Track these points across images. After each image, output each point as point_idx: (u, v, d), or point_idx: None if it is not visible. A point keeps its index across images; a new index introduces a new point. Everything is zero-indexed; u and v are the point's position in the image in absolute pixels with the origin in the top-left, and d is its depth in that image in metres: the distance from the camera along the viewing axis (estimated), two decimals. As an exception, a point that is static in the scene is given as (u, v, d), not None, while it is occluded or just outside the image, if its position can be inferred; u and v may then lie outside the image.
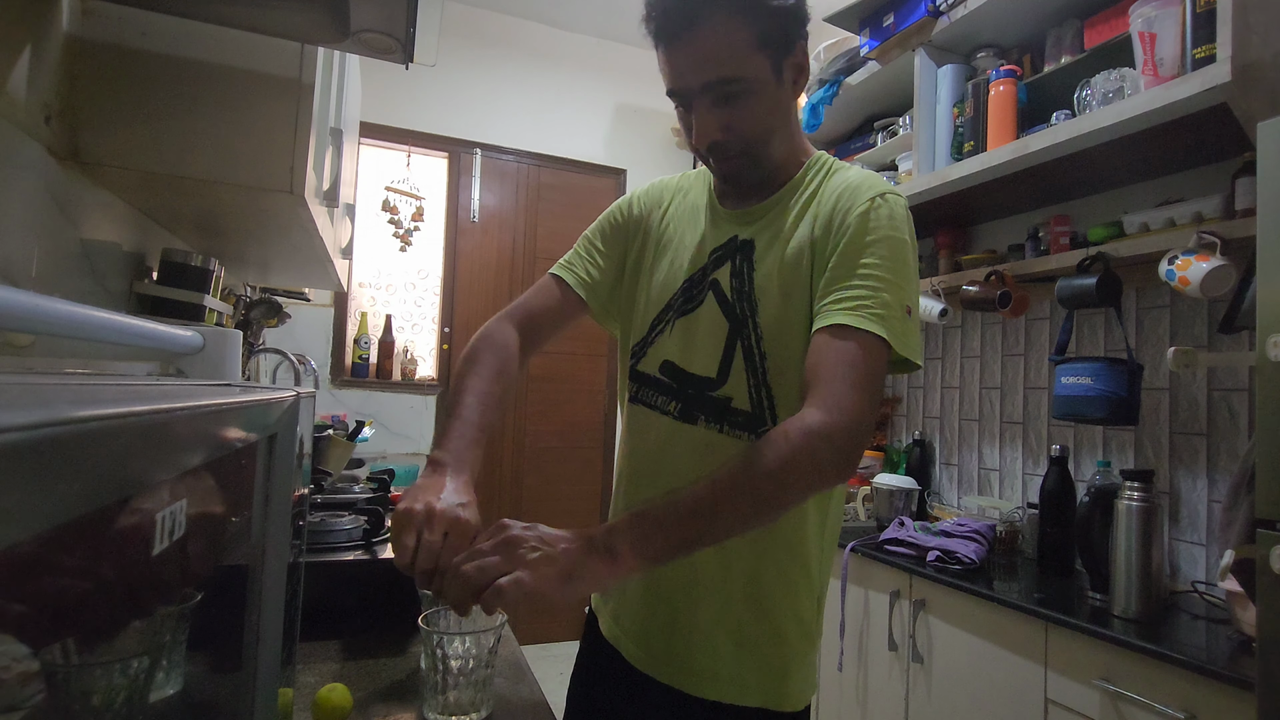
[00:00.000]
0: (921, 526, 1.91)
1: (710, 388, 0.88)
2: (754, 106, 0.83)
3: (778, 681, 0.85)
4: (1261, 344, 1.00)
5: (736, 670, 0.84)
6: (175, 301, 1.20)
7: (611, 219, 1.02)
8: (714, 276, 0.90)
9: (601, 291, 0.99)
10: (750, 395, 0.86)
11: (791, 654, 0.86)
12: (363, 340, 3.07)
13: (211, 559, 0.39)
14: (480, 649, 0.78)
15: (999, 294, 1.86)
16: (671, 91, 0.84)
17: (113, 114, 0.98)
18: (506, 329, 0.93)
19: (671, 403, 0.90)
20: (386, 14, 0.95)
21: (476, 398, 0.83)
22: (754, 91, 0.82)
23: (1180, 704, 1.17)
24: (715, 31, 0.78)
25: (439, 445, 0.78)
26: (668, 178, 1.04)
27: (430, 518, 0.67)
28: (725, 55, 0.79)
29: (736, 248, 0.90)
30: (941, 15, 1.88)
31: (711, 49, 0.79)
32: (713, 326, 0.88)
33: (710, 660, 0.85)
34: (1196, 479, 1.64)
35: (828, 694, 2.02)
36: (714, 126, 0.83)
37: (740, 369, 0.86)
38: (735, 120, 0.83)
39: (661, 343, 0.92)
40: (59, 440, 0.19)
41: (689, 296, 0.91)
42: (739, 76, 0.80)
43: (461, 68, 3.20)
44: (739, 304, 0.87)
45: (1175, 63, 1.36)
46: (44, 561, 0.20)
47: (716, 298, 0.89)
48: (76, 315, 0.49)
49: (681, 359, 0.90)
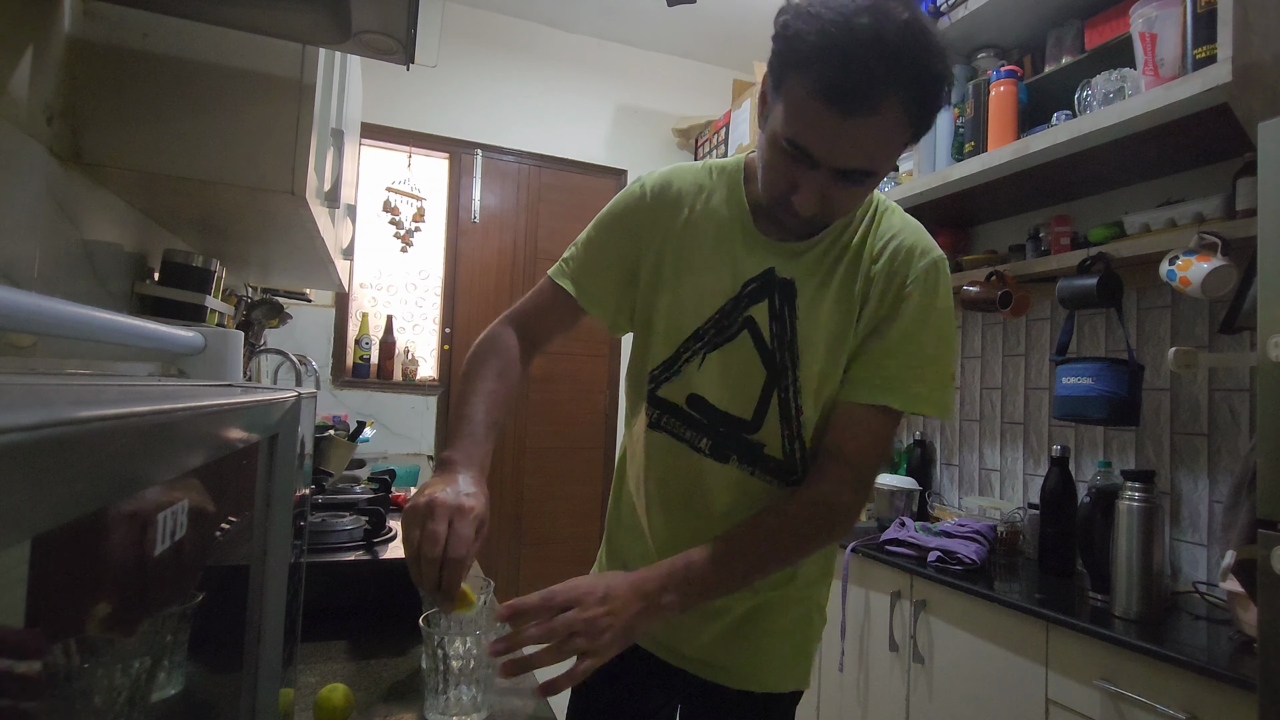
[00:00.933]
0: (922, 527, 1.91)
1: (745, 430, 0.88)
2: (866, 194, 0.81)
3: (775, 665, 0.93)
4: (1262, 344, 1.00)
5: (740, 656, 0.92)
6: (176, 302, 1.20)
7: (618, 217, 0.94)
8: (750, 314, 0.86)
9: (608, 303, 0.94)
10: (784, 445, 0.87)
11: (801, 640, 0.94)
12: (364, 341, 3.07)
13: (213, 559, 0.39)
14: (481, 649, 0.78)
15: (1000, 294, 1.86)
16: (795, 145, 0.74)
17: (114, 115, 0.98)
18: (508, 333, 0.93)
19: (702, 439, 0.90)
20: (387, 15, 0.95)
21: (482, 398, 0.84)
22: (876, 183, 0.79)
23: (1181, 704, 1.17)
24: (889, 124, 0.71)
25: (448, 445, 0.79)
26: (682, 168, 0.94)
27: (433, 508, 0.68)
28: (882, 150, 0.74)
29: (776, 285, 0.86)
30: (942, 16, 1.88)
31: (875, 139, 0.72)
32: (748, 368, 0.86)
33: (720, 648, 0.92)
34: (1197, 479, 1.64)
35: (829, 694, 2.01)
36: (828, 202, 0.77)
37: (775, 417, 0.87)
38: (844, 203, 0.79)
39: (690, 374, 0.89)
40: (61, 441, 0.19)
41: (720, 329, 0.87)
42: (877, 172, 0.76)
43: (462, 68, 3.20)
44: (780, 352, 0.85)
45: (1176, 63, 1.36)
46: (45, 562, 0.20)
47: (753, 338, 0.86)
48: (78, 316, 0.49)
49: (714, 397, 0.89)
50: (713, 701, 0.94)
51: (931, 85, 0.70)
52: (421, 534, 0.67)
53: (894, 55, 0.67)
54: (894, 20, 0.67)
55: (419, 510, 0.69)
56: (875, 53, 0.66)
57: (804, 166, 0.74)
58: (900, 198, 2.03)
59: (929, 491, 2.32)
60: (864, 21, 0.67)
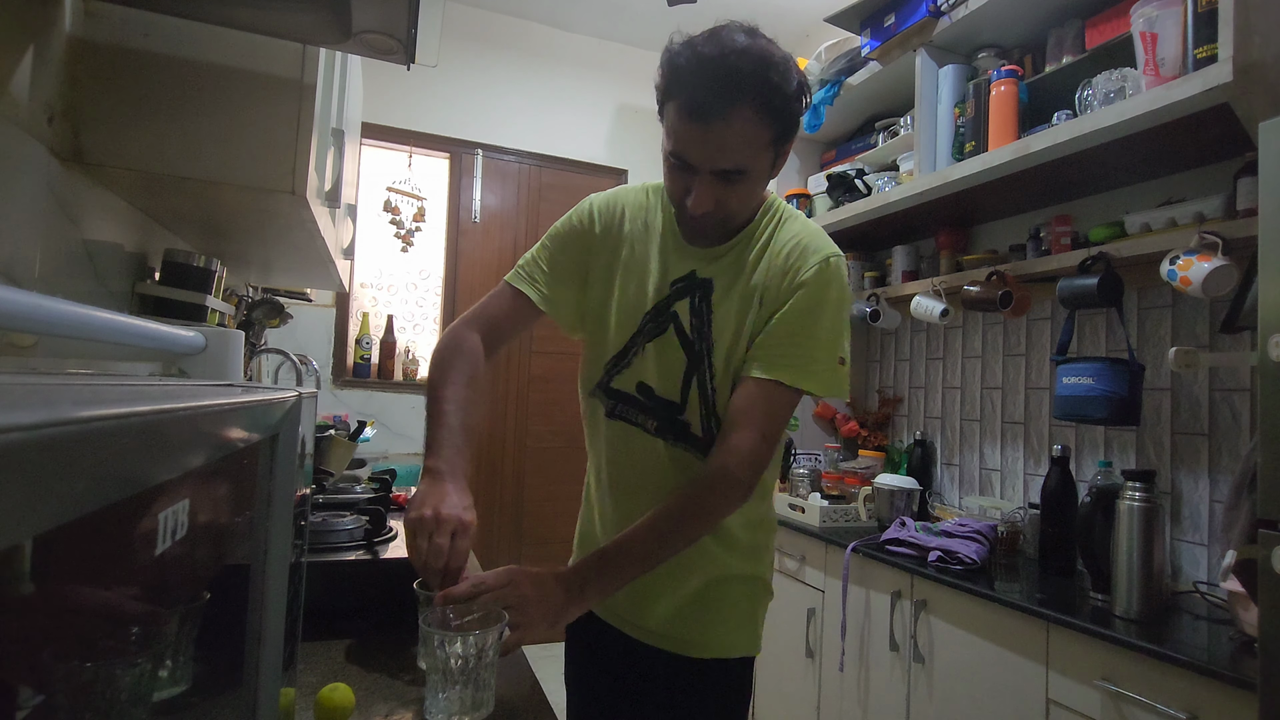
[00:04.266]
0: (923, 527, 1.91)
1: (676, 412, 1.00)
2: (749, 190, 0.93)
3: (725, 634, 1.01)
4: (1263, 344, 1.00)
5: (693, 629, 1.01)
6: (177, 302, 1.20)
7: (572, 230, 1.06)
8: (674, 309, 0.99)
9: (566, 306, 1.05)
10: (703, 423, 0.98)
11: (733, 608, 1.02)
12: (364, 340, 3.07)
13: (214, 559, 0.39)
14: (481, 648, 0.78)
15: (1000, 294, 1.86)
16: (676, 156, 0.89)
17: (115, 115, 0.98)
18: (472, 336, 1.01)
19: (650, 420, 1.01)
20: (388, 15, 0.95)
21: (455, 405, 0.92)
22: (755, 179, 0.91)
23: (1182, 704, 1.17)
24: (743, 127, 0.85)
25: (431, 454, 0.88)
26: (626, 189, 1.09)
27: (439, 522, 0.79)
28: (744, 149, 0.87)
29: (697, 285, 0.99)
30: (943, 15, 1.88)
31: (734, 142, 0.86)
32: (675, 356, 0.99)
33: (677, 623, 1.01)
34: (1198, 479, 1.64)
35: (829, 694, 2.01)
36: (710, 201, 0.90)
37: (695, 399, 0.98)
38: (730, 200, 0.91)
39: (637, 364, 1.01)
40: (62, 440, 0.19)
41: (656, 323, 1.00)
42: (749, 169, 0.89)
43: (463, 68, 3.20)
44: (698, 341, 0.98)
45: (1177, 63, 1.36)
46: (47, 562, 0.20)
47: (677, 330, 0.99)
48: (79, 316, 0.49)
49: (654, 383, 1.00)
50: (676, 671, 1.02)
51: (772, 92, 0.85)
52: (429, 547, 0.78)
53: (734, 72, 0.83)
54: (733, 45, 0.84)
55: (426, 523, 0.79)
56: (719, 73, 0.83)
57: (689, 174, 0.89)
58: (901, 197, 2.03)
59: (929, 491, 2.32)
60: (708, 50, 0.85)
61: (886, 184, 2.19)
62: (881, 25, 2.07)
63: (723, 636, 1.02)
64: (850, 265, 2.56)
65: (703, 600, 1.02)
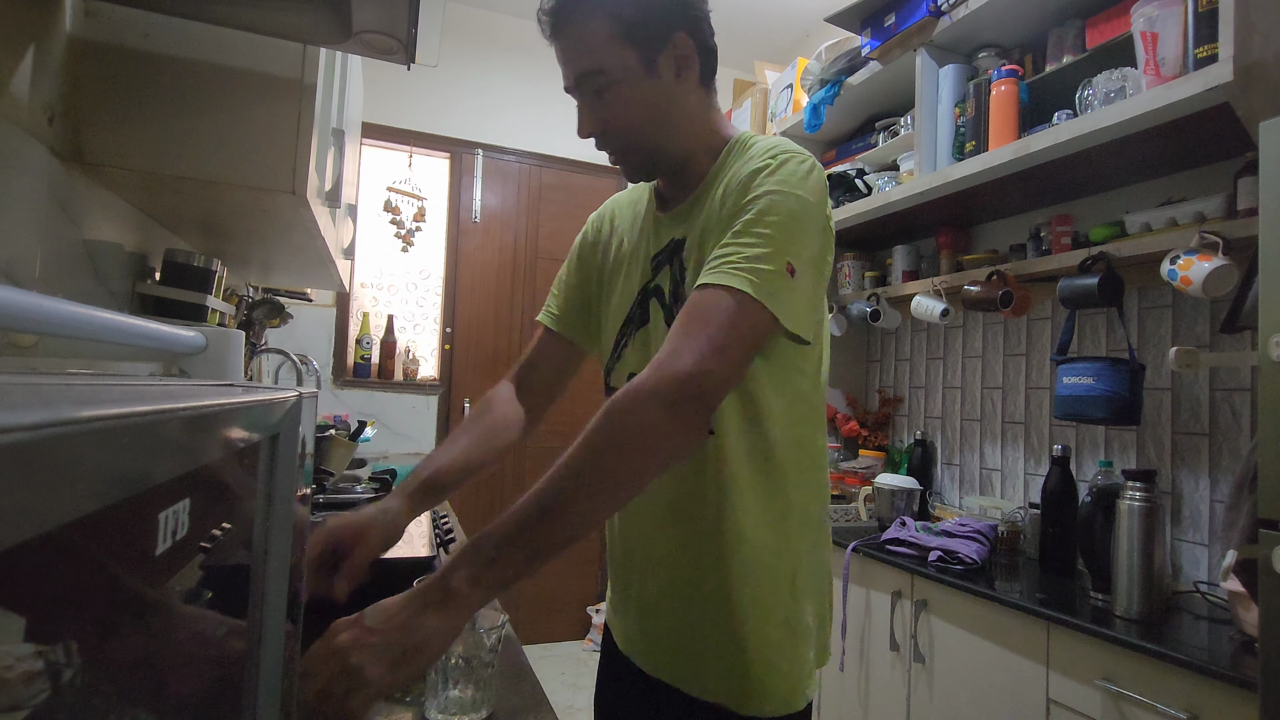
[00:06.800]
0: (923, 526, 1.91)
1: None
2: (624, 99, 0.84)
3: (759, 682, 0.82)
4: (1263, 344, 1.00)
5: (724, 672, 0.83)
6: (178, 302, 1.20)
7: (574, 249, 1.06)
8: (658, 284, 0.91)
9: (580, 326, 1.03)
10: None
11: (775, 654, 0.83)
12: (365, 340, 3.07)
13: (214, 559, 0.39)
14: (481, 648, 0.78)
15: (1001, 294, 1.86)
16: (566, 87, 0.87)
17: (115, 115, 0.98)
18: (502, 385, 1.03)
19: None
20: (388, 15, 0.95)
21: (431, 458, 0.94)
22: (621, 83, 0.83)
23: (1182, 704, 1.17)
24: (579, 26, 0.83)
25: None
26: (622, 192, 1.06)
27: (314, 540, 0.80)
28: (588, 48, 0.83)
29: (671, 250, 0.90)
30: (943, 15, 1.87)
31: (576, 43, 0.83)
32: (661, 335, 0.87)
33: (701, 664, 0.85)
34: (1198, 479, 1.64)
35: (829, 694, 2.01)
36: (589, 120, 0.86)
37: None
38: (607, 114, 0.85)
39: (626, 356, 0.94)
40: (62, 441, 0.19)
41: (643, 307, 0.93)
42: (601, 69, 0.83)
43: (463, 68, 3.20)
44: (675, 306, 0.87)
45: (1177, 62, 1.36)
46: (47, 562, 0.20)
47: (660, 305, 0.90)
48: (79, 316, 0.49)
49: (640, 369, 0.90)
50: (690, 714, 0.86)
51: None
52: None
53: None
54: None
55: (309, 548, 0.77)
56: None
57: (575, 99, 0.87)
58: (901, 197, 2.03)
59: (930, 491, 2.31)
60: None
61: (887, 184, 2.19)
62: (882, 25, 2.07)
63: (755, 679, 0.82)
64: (851, 265, 2.56)
65: (728, 632, 0.84)
